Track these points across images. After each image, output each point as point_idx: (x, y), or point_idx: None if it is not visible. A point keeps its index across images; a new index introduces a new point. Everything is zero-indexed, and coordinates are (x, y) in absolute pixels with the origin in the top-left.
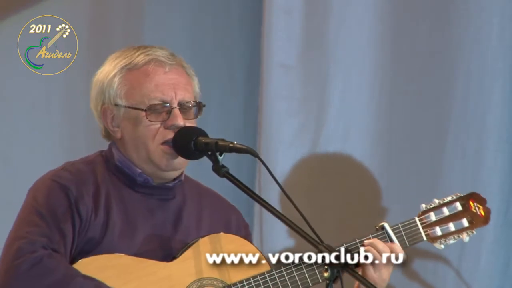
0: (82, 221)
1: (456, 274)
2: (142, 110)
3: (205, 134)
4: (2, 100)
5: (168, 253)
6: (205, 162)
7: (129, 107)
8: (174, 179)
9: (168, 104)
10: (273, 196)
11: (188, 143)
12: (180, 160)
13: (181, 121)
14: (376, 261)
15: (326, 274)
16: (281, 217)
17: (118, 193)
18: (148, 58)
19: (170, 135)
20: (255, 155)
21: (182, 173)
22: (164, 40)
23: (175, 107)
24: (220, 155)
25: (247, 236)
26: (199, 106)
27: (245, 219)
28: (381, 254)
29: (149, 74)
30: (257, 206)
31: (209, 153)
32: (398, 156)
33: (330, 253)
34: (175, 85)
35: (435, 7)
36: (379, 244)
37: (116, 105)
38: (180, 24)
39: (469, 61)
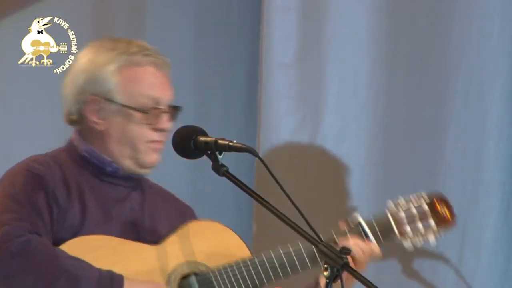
0: (60, 208)
1: (456, 274)
2: (139, 111)
3: (204, 133)
4: (2, 100)
5: (142, 241)
6: (205, 162)
7: (123, 105)
8: None
9: (159, 107)
10: (272, 195)
11: (187, 142)
12: (159, 157)
13: (168, 125)
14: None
15: (325, 273)
16: (280, 215)
17: (87, 182)
18: (148, 60)
19: (157, 136)
20: (255, 154)
21: None
22: (165, 40)
23: (166, 111)
24: (220, 154)
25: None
26: (177, 109)
27: (245, 218)
28: (364, 254)
29: (147, 75)
30: (256, 204)
31: (209, 152)
32: (396, 155)
33: (329, 251)
34: (165, 87)
35: (434, 6)
36: (362, 244)
37: (108, 100)
38: (181, 23)
39: (469, 60)
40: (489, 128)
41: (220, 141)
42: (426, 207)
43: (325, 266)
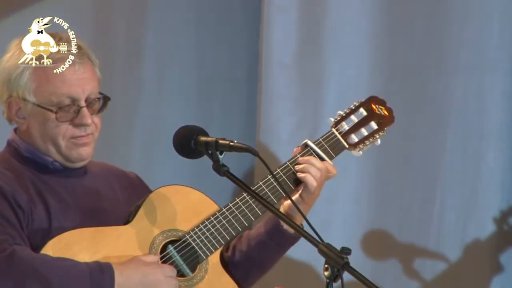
0: (25, 214)
1: (456, 273)
2: (51, 111)
3: (205, 133)
4: None
5: (107, 223)
6: (205, 162)
7: (37, 105)
8: None
9: (76, 103)
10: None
11: (188, 142)
12: (88, 150)
13: (89, 120)
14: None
15: (326, 273)
16: (281, 215)
17: (39, 180)
18: (59, 57)
19: (78, 132)
20: (255, 153)
21: None
22: (165, 40)
23: (83, 106)
24: (221, 154)
25: (147, 187)
26: (105, 100)
27: None
28: (321, 171)
29: (59, 73)
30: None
31: (210, 152)
32: (396, 155)
33: (330, 252)
34: (83, 82)
35: (434, 6)
36: (316, 161)
37: (24, 99)
38: (182, 23)
39: (469, 60)
40: (488, 128)
41: (221, 141)
42: (364, 112)
43: (326, 266)
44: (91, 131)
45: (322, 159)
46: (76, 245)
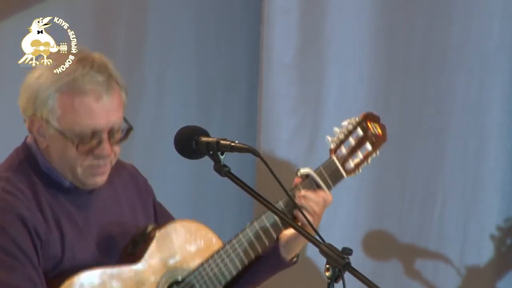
0: (42, 242)
1: (457, 274)
2: (72, 142)
3: (206, 134)
4: (2, 100)
5: (115, 239)
6: (207, 162)
7: (59, 132)
8: None
9: (98, 135)
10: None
11: (189, 142)
12: (103, 178)
13: (109, 152)
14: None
15: (327, 274)
16: (282, 216)
17: (55, 200)
18: (87, 88)
19: (96, 162)
20: (257, 154)
21: None
22: (166, 40)
23: (105, 138)
24: (222, 155)
25: (152, 192)
26: (128, 131)
27: (245, 219)
28: (318, 205)
29: (85, 103)
30: (258, 205)
31: (211, 152)
32: (396, 155)
33: (331, 252)
34: (108, 114)
35: (434, 6)
36: (314, 196)
37: (47, 122)
38: (182, 24)
39: (469, 60)
40: (489, 128)
41: (222, 142)
42: (360, 132)
43: (327, 266)
44: (109, 160)
45: (320, 188)
46: None
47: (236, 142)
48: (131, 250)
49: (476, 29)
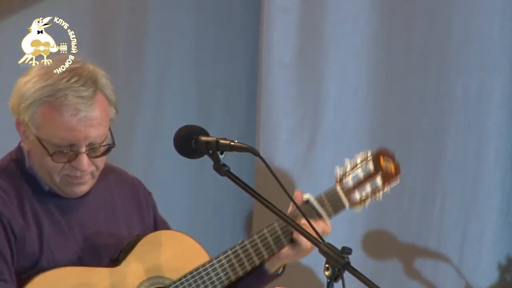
0: (16, 239)
1: (457, 274)
2: (48, 152)
3: (206, 133)
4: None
5: (101, 246)
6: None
7: (37, 139)
8: None
9: (75, 148)
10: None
11: (189, 142)
12: (83, 188)
13: (85, 166)
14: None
15: (327, 273)
16: (282, 215)
17: (38, 200)
18: (67, 102)
19: (73, 172)
20: (256, 153)
21: None
22: (165, 40)
23: (82, 153)
24: (221, 154)
25: (154, 206)
26: (109, 148)
27: (245, 217)
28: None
29: (64, 117)
30: (257, 204)
31: (210, 152)
32: (397, 155)
33: (331, 251)
34: (87, 128)
35: (433, 5)
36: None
37: (28, 127)
38: (182, 23)
39: (469, 60)
40: (489, 128)
41: (221, 141)
42: (371, 166)
43: (327, 265)
44: (89, 172)
45: (320, 216)
46: (62, 285)
47: (236, 141)
48: (116, 257)
49: (476, 29)
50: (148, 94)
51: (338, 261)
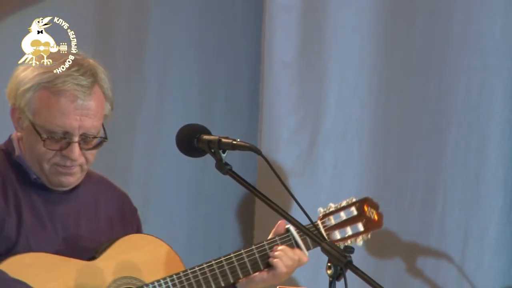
0: None
1: (458, 273)
2: (41, 137)
3: (208, 132)
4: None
5: (79, 247)
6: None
7: (32, 125)
8: None
9: (68, 136)
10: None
11: (191, 140)
12: (71, 180)
13: (76, 156)
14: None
15: (329, 272)
16: (284, 214)
17: (22, 189)
18: (66, 88)
19: (63, 161)
20: (258, 152)
21: None
22: (167, 39)
23: (75, 142)
24: (223, 153)
25: (139, 223)
26: (101, 141)
27: (246, 217)
28: (293, 261)
29: (61, 103)
30: (259, 203)
31: (212, 150)
32: (397, 154)
33: (333, 250)
34: (82, 118)
35: (434, 5)
36: (290, 252)
37: (24, 113)
38: (184, 23)
39: (471, 60)
40: (491, 127)
41: (223, 140)
42: (355, 211)
43: (329, 264)
44: (79, 164)
45: (298, 246)
46: (37, 268)
47: (238, 140)
48: (92, 256)
49: (477, 29)
50: (150, 93)
51: (340, 259)
